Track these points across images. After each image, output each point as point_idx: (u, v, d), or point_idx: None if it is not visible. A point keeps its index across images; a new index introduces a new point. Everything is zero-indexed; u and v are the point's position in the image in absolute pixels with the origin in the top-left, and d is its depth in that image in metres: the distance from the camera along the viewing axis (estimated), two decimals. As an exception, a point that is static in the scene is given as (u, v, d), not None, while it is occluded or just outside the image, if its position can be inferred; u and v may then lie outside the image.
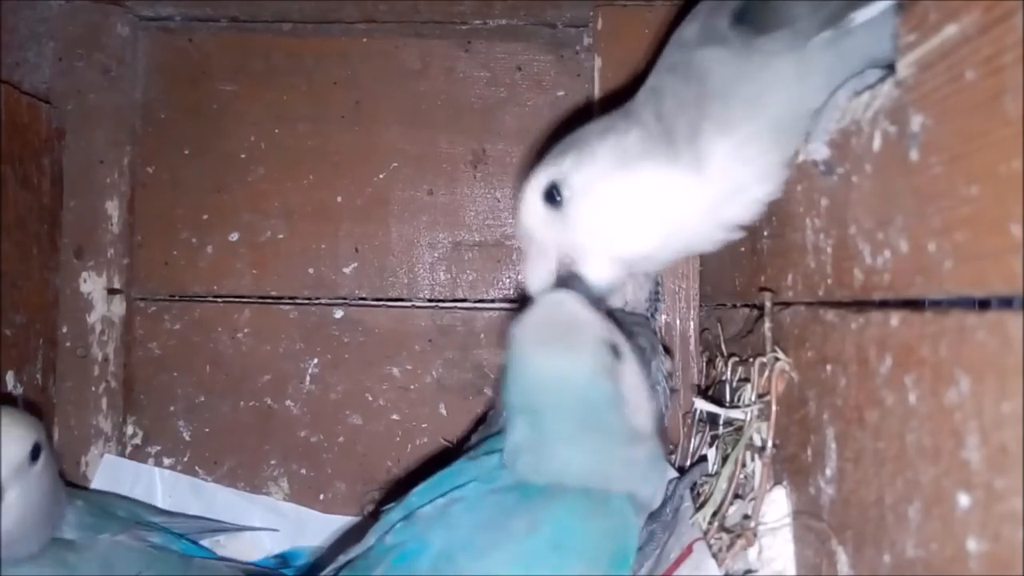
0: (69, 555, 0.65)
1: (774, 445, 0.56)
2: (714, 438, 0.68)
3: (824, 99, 0.48)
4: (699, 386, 0.80)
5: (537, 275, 0.59)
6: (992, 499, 0.30)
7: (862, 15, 0.46)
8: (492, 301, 0.93)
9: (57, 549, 0.65)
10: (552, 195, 0.57)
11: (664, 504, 0.67)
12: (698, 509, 0.64)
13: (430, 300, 0.93)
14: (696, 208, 0.55)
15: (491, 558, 0.52)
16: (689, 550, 0.60)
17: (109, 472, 0.88)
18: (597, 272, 0.58)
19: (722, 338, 0.72)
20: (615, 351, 0.56)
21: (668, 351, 0.72)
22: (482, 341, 0.92)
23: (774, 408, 0.56)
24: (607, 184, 0.56)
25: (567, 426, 0.55)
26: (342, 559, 0.60)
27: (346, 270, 0.92)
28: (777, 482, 0.56)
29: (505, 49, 0.93)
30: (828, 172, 0.46)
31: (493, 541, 0.52)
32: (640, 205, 0.56)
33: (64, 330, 0.88)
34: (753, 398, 0.59)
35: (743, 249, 0.67)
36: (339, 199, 0.92)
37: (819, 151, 0.48)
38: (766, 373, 0.57)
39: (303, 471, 0.91)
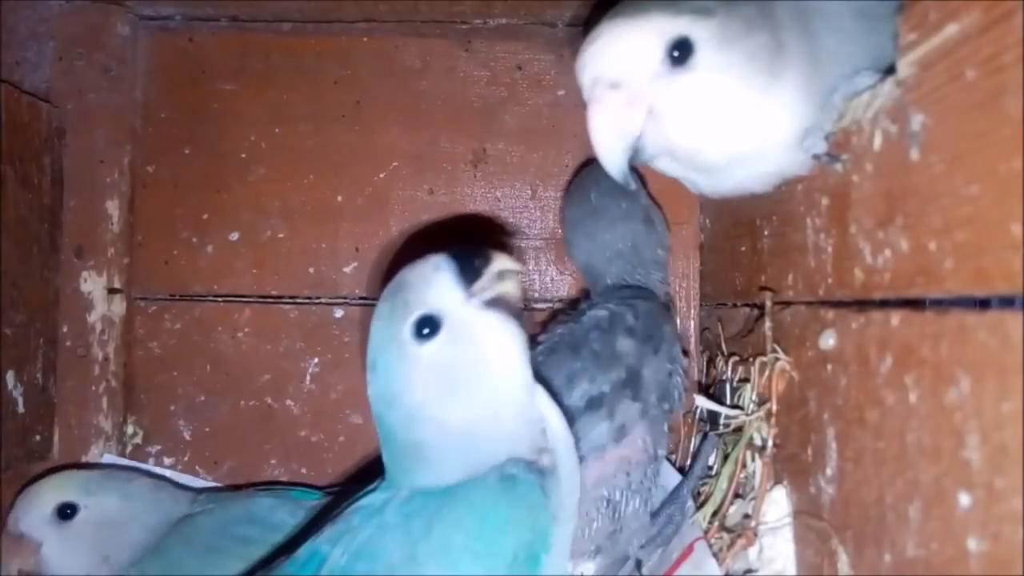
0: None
1: (774, 445, 0.56)
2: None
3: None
4: (700, 384, 0.80)
5: (616, 132, 0.49)
6: (992, 499, 0.30)
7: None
8: (492, 301, 0.93)
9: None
10: (681, 48, 0.48)
11: (680, 486, 0.66)
12: (698, 508, 0.64)
13: (430, 300, 0.93)
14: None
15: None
16: (690, 549, 0.60)
17: (109, 472, 0.87)
18: (656, 148, 0.50)
19: (722, 338, 0.72)
20: (427, 328, 0.52)
21: (686, 352, 0.72)
22: (482, 341, 0.92)
23: (774, 408, 0.56)
24: (732, 77, 0.48)
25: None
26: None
27: (346, 270, 0.92)
28: (777, 482, 0.56)
29: (505, 48, 0.92)
30: (832, 161, 0.46)
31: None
32: (731, 118, 0.49)
33: (64, 330, 0.88)
34: (753, 397, 0.59)
35: (743, 249, 0.67)
36: (339, 199, 0.92)
37: (817, 146, 0.48)
38: (766, 373, 0.57)
39: (303, 471, 0.91)
